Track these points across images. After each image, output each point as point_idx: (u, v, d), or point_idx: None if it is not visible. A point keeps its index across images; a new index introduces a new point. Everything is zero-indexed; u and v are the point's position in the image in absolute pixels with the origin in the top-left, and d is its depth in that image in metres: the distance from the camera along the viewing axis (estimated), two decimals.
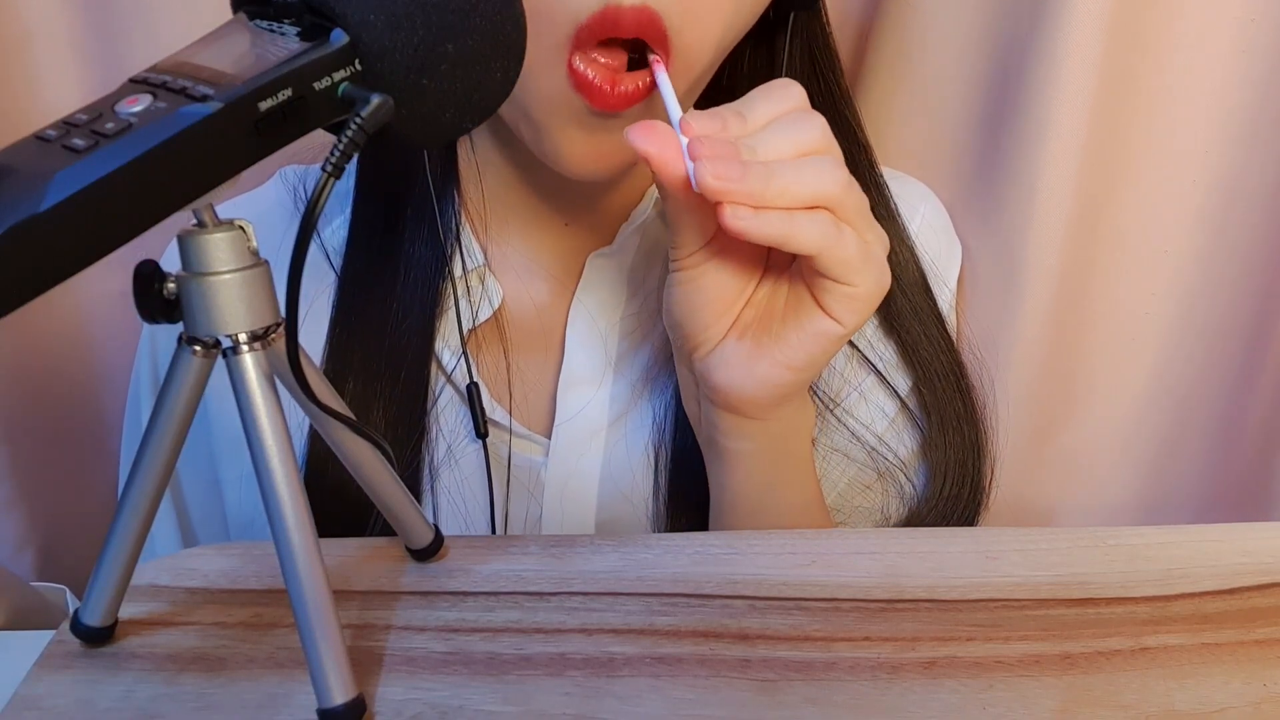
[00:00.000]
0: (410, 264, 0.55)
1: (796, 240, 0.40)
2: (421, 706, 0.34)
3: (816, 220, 0.41)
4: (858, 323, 0.43)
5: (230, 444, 0.58)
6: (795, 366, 0.44)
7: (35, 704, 0.35)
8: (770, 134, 0.42)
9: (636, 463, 0.56)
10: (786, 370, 0.44)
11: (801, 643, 0.37)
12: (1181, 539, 0.42)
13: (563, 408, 0.56)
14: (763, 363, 0.45)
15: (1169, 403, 0.65)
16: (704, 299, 0.45)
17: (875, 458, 0.58)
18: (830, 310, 0.43)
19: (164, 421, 0.34)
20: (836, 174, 0.41)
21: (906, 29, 0.65)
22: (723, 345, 0.46)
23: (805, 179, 0.41)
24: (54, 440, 0.74)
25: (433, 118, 0.33)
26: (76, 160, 0.26)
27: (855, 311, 0.43)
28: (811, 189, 0.41)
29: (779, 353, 0.44)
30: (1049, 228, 0.60)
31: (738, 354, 0.45)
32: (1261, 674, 0.35)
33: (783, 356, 0.44)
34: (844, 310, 0.43)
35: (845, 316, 0.43)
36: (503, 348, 0.57)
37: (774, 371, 0.45)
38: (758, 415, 0.47)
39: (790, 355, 0.44)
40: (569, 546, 0.42)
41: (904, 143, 0.66)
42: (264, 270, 0.32)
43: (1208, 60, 0.58)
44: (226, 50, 0.30)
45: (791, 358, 0.44)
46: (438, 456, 0.55)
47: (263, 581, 0.41)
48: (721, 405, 0.47)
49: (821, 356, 0.44)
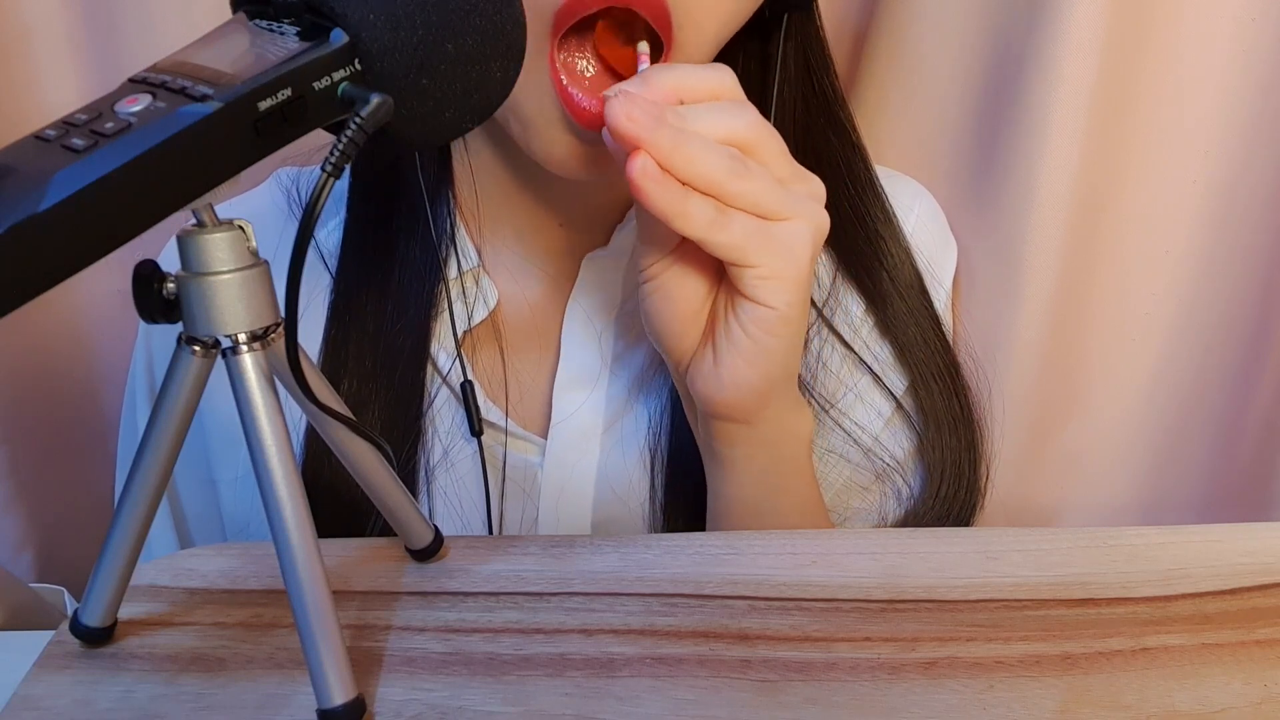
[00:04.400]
0: (405, 265, 0.55)
1: (682, 221, 0.40)
2: (421, 707, 0.34)
3: (701, 204, 0.40)
4: (787, 301, 0.43)
5: (225, 444, 0.58)
6: (753, 361, 0.44)
7: (35, 704, 0.35)
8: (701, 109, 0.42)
9: (632, 464, 0.56)
10: (747, 366, 0.44)
11: (801, 643, 0.37)
12: (1181, 539, 0.42)
13: (559, 408, 0.56)
14: (725, 365, 0.45)
15: (1169, 403, 0.65)
16: (672, 309, 0.45)
17: (871, 459, 0.58)
18: (753, 296, 0.43)
19: (163, 422, 0.34)
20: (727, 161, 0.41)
21: (904, 30, 0.65)
22: (697, 355, 0.46)
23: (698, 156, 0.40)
24: (54, 440, 0.74)
25: (432, 118, 0.33)
26: (76, 160, 0.26)
27: (774, 291, 0.42)
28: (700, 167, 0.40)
29: (735, 351, 0.44)
30: (1048, 228, 0.60)
31: (707, 361, 0.45)
32: (1262, 674, 0.35)
33: (739, 354, 0.44)
34: (762, 292, 0.43)
35: (768, 298, 0.43)
36: (498, 348, 0.57)
37: (737, 371, 0.45)
38: (745, 419, 0.47)
39: (743, 351, 0.44)
40: (569, 547, 0.42)
41: (902, 144, 0.66)
42: (264, 270, 0.31)
43: (1208, 60, 0.58)
44: (226, 50, 0.30)
45: (746, 353, 0.44)
46: (433, 457, 0.55)
47: (262, 581, 0.41)
48: (710, 414, 0.47)
49: (772, 343, 0.44)
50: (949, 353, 0.59)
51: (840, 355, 0.58)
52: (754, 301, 0.43)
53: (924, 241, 0.60)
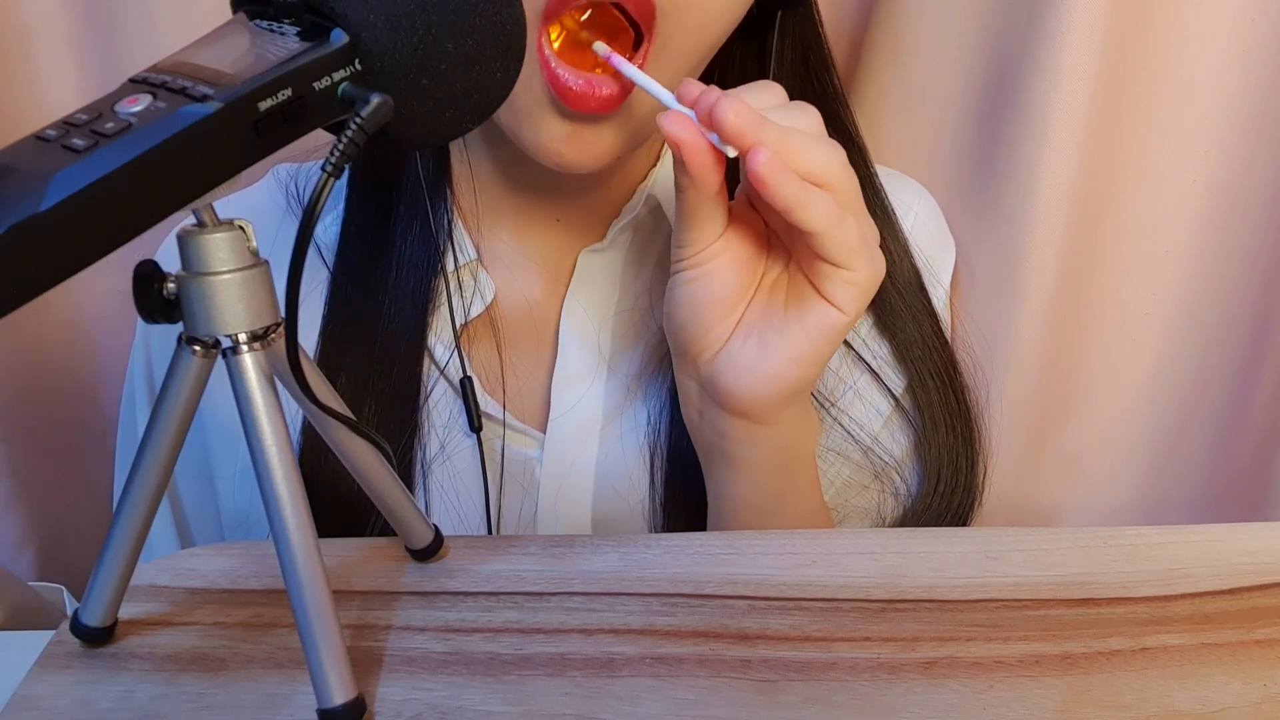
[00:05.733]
0: (403, 260, 0.55)
1: (807, 211, 0.40)
2: (421, 707, 0.34)
3: (824, 198, 0.41)
4: (858, 310, 0.43)
5: (223, 441, 0.58)
6: (801, 361, 0.44)
7: (35, 704, 0.35)
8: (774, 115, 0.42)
9: (631, 460, 0.56)
10: (793, 366, 0.44)
11: (801, 643, 0.37)
12: (1181, 539, 0.42)
13: (557, 402, 0.56)
14: (769, 360, 0.44)
15: (1169, 403, 0.65)
16: (709, 298, 0.45)
17: (870, 457, 0.58)
18: (831, 298, 0.43)
19: (163, 421, 0.34)
20: (841, 157, 0.42)
21: (904, 28, 0.65)
22: (728, 346, 0.46)
23: (813, 152, 0.41)
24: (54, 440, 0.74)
25: (432, 118, 0.33)
26: (76, 160, 0.26)
27: (855, 298, 0.43)
28: (818, 164, 0.41)
29: (785, 348, 0.44)
30: (1048, 228, 0.60)
31: (744, 354, 0.45)
32: (1261, 674, 0.35)
33: (789, 352, 0.44)
34: (844, 297, 0.43)
35: (846, 304, 0.43)
36: (495, 343, 0.57)
37: (781, 369, 0.44)
38: (766, 419, 0.47)
39: (795, 350, 0.44)
40: (569, 547, 0.42)
41: (901, 142, 0.66)
42: (264, 270, 0.31)
43: (1208, 60, 0.58)
44: (226, 50, 0.30)
45: (797, 352, 0.44)
46: (430, 452, 0.55)
47: (262, 581, 0.41)
48: (730, 410, 0.47)
49: (826, 348, 0.44)
50: (947, 350, 0.60)
51: (840, 353, 0.58)
52: (830, 303, 0.43)
53: (922, 240, 0.60)
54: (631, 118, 0.47)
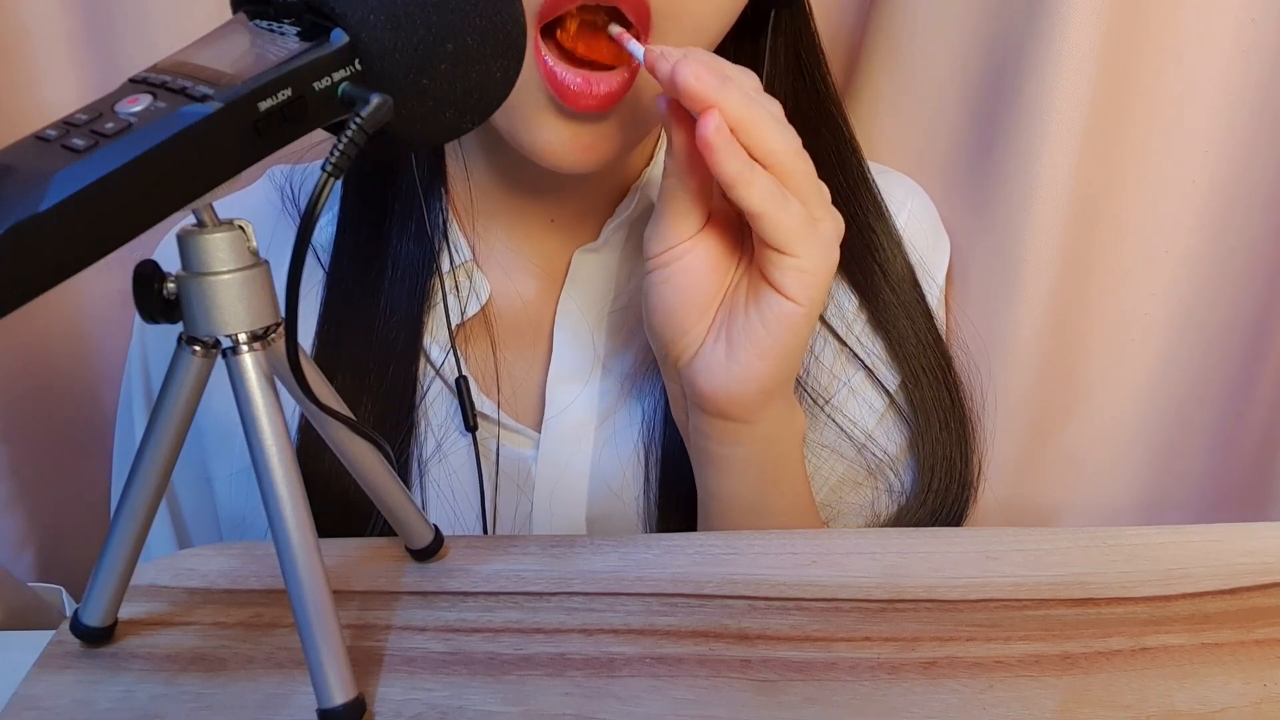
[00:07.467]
0: (398, 260, 0.55)
1: (750, 189, 0.40)
2: (421, 707, 0.34)
3: (767, 178, 0.41)
4: (811, 300, 0.43)
5: (220, 440, 0.58)
6: (766, 356, 0.44)
7: (35, 704, 0.35)
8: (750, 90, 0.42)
9: (626, 460, 0.56)
10: (759, 361, 0.44)
11: (801, 643, 0.37)
12: (1181, 539, 0.42)
13: (552, 402, 0.56)
14: (737, 359, 0.45)
15: (1169, 403, 0.65)
16: (682, 298, 0.45)
17: (864, 454, 0.58)
18: (781, 287, 0.43)
19: (163, 422, 0.34)
20: (796, 143, 0.42)
21: (902, 27, 0.65)
22: (702, 349, 0.46)
23: (768, 130, 0.41)
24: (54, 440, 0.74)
25: (432, 118, 0.33)
26: (76, 160, 0.26)
27: (805, 287, 0.43)
28: (769, 144, 0.41)
29: (748, 344, 0.44)
30: (1047, 228, 0.60)
31: (716, 355, 0.45)
32: (1261, 674, 0.35)
33: (753, 347, 0.44)
34: (795, 286, 0.43)
35: (798, 293, 0.43)
36: (490, 342, 0.57)
37: (749, 366, 0.45)
38: (745, 417, 0.47)
39: (758, 345, 0.44)
40: (569, 547, 0.42)
41: (899, 142, 0.66)
42: (264, 270, 0.31)
43: (1208, 60, 0.58)
44: (226, 50, 0.30)
45: (760, 347, 0.44)
46: (426, 451, 0.55)
47: (262, 581, 0.41)
48: (709, 411, 0.47)
49: (790, 340, 0.44)
50: (941, 347, 0.60)
51: (834, 350, 0.58)
52: (782, 295, 0.43)
53: (916, 236, 0.60)
54: (628, 118, 0.47)
